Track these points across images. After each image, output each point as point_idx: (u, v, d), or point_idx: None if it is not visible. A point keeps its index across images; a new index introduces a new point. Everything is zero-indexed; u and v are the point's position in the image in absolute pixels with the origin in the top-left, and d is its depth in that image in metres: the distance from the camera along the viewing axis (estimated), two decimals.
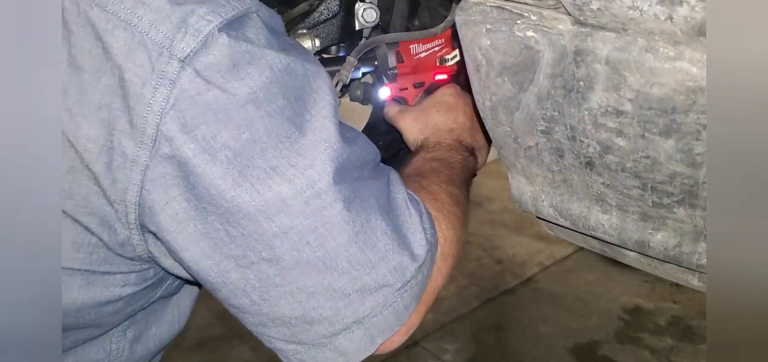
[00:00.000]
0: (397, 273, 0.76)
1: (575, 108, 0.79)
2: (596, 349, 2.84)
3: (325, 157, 0.71)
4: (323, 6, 1.25)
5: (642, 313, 3.05)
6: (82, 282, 0.73)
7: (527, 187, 0.97)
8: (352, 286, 0.74)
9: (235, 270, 0.72)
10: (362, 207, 0.74)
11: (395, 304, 0.77)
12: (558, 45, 0.77)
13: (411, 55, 1.15)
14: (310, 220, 0.71)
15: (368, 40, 1.23)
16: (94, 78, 0.67)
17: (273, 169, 0.69)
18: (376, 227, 0.75)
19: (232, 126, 0.68)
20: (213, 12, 0.68)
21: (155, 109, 0.66)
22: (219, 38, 0.68)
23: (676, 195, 0.79)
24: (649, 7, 0.68)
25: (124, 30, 0.67)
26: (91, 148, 0.67)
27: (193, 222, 0.69)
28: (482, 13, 0.85)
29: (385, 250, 0.75)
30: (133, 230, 0.71)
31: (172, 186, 0.68)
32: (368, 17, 1.19)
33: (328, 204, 0.71)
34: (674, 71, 0.69)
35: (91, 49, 0.67)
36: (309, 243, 0.71)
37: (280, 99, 0.70)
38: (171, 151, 0.67)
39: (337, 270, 0.73)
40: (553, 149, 0.87)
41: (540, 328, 2.97)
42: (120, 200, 0.69)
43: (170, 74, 0.66)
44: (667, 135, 0.74)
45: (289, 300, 0.74)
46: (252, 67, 0.69)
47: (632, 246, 0.89)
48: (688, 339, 2.88)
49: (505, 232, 3.73)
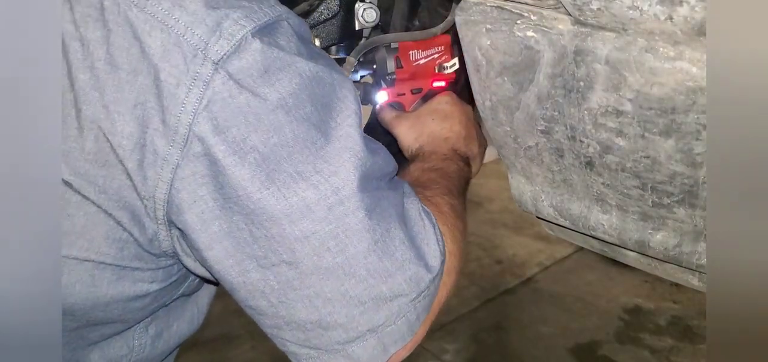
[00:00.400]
0: (413, 283, 0.78)
1: (575, 108, 0.79)
2: (596, 349, 2.84)
3: (349, 164, 0.73)
4: (323, 6, 1.25)
5: (642, 313, 3.05)
6: (113, 276, 0.75)
7: (527, 187, 0.97)
8: (368, 294, 0.76)
9: (256, 271, 0.73)
10: (382, 217, 0.76)
11: (408, 314, 0.78)
12: (558, 45, 0.77)
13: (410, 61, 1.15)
14: (331, 226, 0.72)
15: (368, 40, 1.23)
16: (131, 76, 0.69)
17: (299, 174, 0.71)
18: (394, 237, 0.77)
19: (262, 130, 0.70)
20: (246, 17, 0.70)
21: (188, 110, 0.68)
22: (252, 43, 0.70)
23: (676, 195, 0.79)
24: (649, 7, 0.68)
25: (161, 31, 0.68)
26: (125, 145, 0.69)
27: (218, 221, 0.71)
28: (482, 13, 0.85)
29: (403, 260, 0.77)
30: (161, 226, 0.73)
31: (200, 185, 0.70)
32: (368, 17, 1.19)
33: (350, 211, 0.73)
34: (674, 71, 0.70)
35: (129, 48, 0.69)
36: (329, 248, 0.73)
37: (308, 106, 0.72)
38: (202, 150, 0.69)
39: (355, 277, 0.75)
40: (553, 149, 0.87)
41: (540, 328, 2.97)
42: (149, 196, 0.71)
43: (204, 76, 0.68)
44: (667, 135, 0.74)
45: (306, 304, 0.75)
46: (282, 73, 0.71)
47: (632, 246, 0.89)
48: (688, 339, 2.88)
49: (505, 232, 3.73)
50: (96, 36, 0.69)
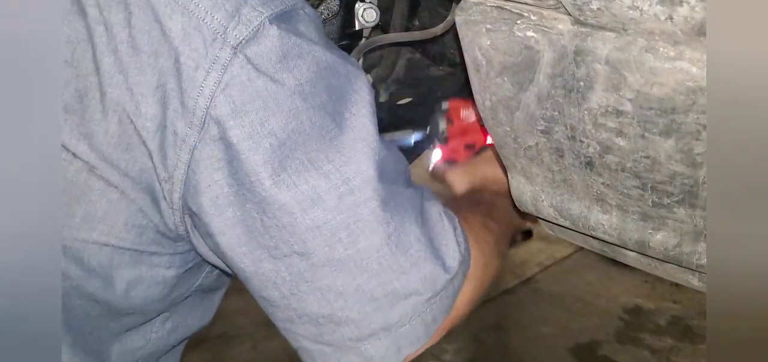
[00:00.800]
0: (428, 282, 0.76)
1: (575, 108, 0.79)
2: (596, 349, 2.84)
3: (362, 155, 0.73)
4: (323, 6, 1.25)
5: (642, 313, 3.05)
6: (131, 260, 0.76)
7: (527, 187, 0.97)
8: (381, 290, 0.75)
9: (268, 261, 0.73)
10: (397, 211, 0.75)
11: (424, 315, 0.77)
12: (558, 45, 0.77)
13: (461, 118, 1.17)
14: (343, 216, 0.72)
15: (368, 40, 1.23)
16: (152, 59, 0.70)
17: (311, 162, 0.71)
18: (409, 232, 0.76)
19: (281, 115, 0.70)
20: (264, 4, 0.71)
21: (206, 93, 0.69)
22: (270, 29, 0.71)
23: (676, 195, 0.79)
24: (649, 7, 0.68)
25: (182, 14, 0.69)
26: (148, 127, 0.70)
27: (232, 207, 0.72)
28: (482, 13, 0.85)
29: (417, 257, 0.76)
30: (176, 210, 0.74)
31: (216, 169, 0.71)
32: (368, 17, 1.19)
33: (361, 201, 0.73)
34: (674, 71, 0.70)
35: (150, 31, 0.70)
36: (341, 239, 0.73)
37: (324, 94, 0.73)
38: (219, 134, 0.70)
39: (368, 271, 0.74)
40: (553, 149, 0.87)
41: (540, 328, 2.97)
42: (168, 177, 0.72)
43: (223, 59, 0.69)
44: (667, 135, 0.74)
45: (317, 297, 0.75)
46: (300, 60, 0.72)
47: (632, 246, 0.89)
48: (688, 339, 2.88)
49: None
50: (118, 19, 0.70)
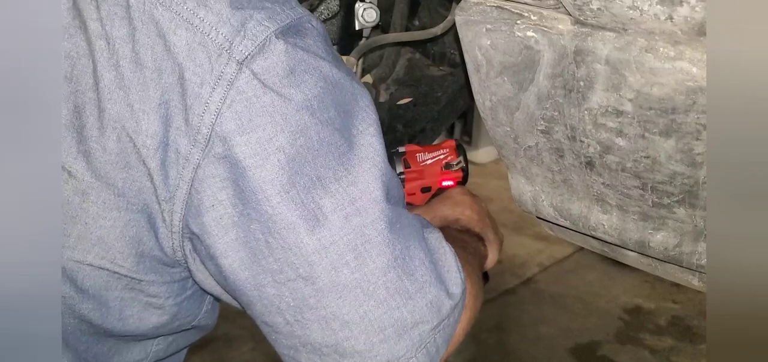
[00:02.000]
0: (434, 309, 0.74)
1: (575, 108, 0.79)
2: (596, 349, 2.84)
3: (370, 175, 0.72)
4: (323, 6, 1.25)
5: (642, 313, 3.05)
6: (126, 286, 0.74)
7: (527, 187, 0.97)
8: (388, 319, 0.72)
9: (272, 286, 0.71)
10: (402, 233, 0.74)
11: (429, 345, 0.75)
12: (558, 45, 0.77)
13: (417, 162, 1.18)
14: (350, 237, 0.70)
15: (368, 40, 1.23)
16: (156, 74, 0.68)
17: (319, 180, 0.70)
18: (414, 255, 0.74)
19: (289, 130, 0.69)
20: (270, 18, 0.70)
21: (212, 109, 0.68)
22: (276, 44, 0.69)
23: (676, 195, 0.79)
24: (649, 7, 0.68)
25: (187, 30, 0.69)
26: (149, 144, 0.69)
27: (236, 228, 0.70)
28: (482, 13, 0.85)
29: (423, 281, 0.74)
30: (176, 233, 0.72)
31: (220, 188, 0.69)
32: (368, 17, 1.19)
33: (369, 222, 0.71)
34: (674, 71, 0.70)
35: (154, 46, 0.69)
36: (347, 262, 0.71)
37: (332, 110, 0.72)
38: (224, 151, 0.68)
39: (374, 297, 0.72)
40: (553, 149, 0.87)
41: (540, 328, 2.97)
42: (169, 197, 0.70)
43: (228, 75, 0.68)
44: (667, 135, 0.74)
45: (322, 325, 0.72)
46: (308, 75, 0.70)
47: (632, 246, 0.89)
48: (688, 339, 2.88)
49: (505, 232, 3.71)
50: (121, 34, 0.69)
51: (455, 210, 1.10)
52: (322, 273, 0.71)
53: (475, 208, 1.11)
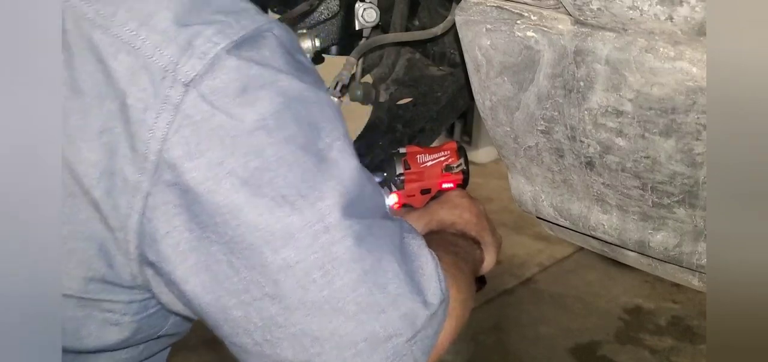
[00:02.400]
0: (408, 321, 0.72)
1: (575, 108, 0.79)
2: (596, 349, 2.83)
3: (335, 191, 0.69)
4: (323, 6, 1.25)
5: (642, 313, 3.05)
6: (77, 305, 0.71)
7: (527, 187, 0.97)
8: (360, 333, 0.70)
9: (237, 307, 0.69)
10: (374, 246, 0.71)
11: (405, 357, 0.73)
12: (558, 45, 0.77)
13: (418, 163, 1.18)
14: (317, 255, 0.68)
15: (368, 40, 1.23)
16: (96, 102, 0.65)
17: (283, 198, 0.67)
18: (387, 268, 0.71)
19: (240, 153, 0.65)
20: (220, 33, 0.66)
21: (158, 135, 0.65)
22: (227, 61, 0.66)
23: (676, 195, 0.79)
24: (649, 7, 0.68)
25: (128, 53, 0.65)
26: (91, 173, 0.66)
27: (195, 253, 0.67)
28: (482, 13, 0.85)
29: (396, 294, 0.71)
30: (133, 260, 0.69)
31: (174, 215, 0.66)
32: (368, 17, 1.19)
33: (337, 240, 0.68)
34: (674, 71, 0.69)
35: (93, 73, 0.66)
36: (315, 280, 0.68)
37: (292, 126, 0.68)
38: (173, 178, 0.65)
39: (344, 313, 0.69)
40: (553, 149, 0.87)
41: (540, 328, 2.96)
42: (121, 227, 0.67)
43: (174, 99, 0.65)
44: (667, 135, 0.74)
45: (292, 342, 0.70)
46: (263, 91, 0.67)
47: (632, 246, 0.89)
48: (688, 339, 2.88)
49: (505, 232, 3.72)
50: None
51: (452, 213, 1.08)
52: (289, 292, 0.68)
53: (473, 211, 1.09)
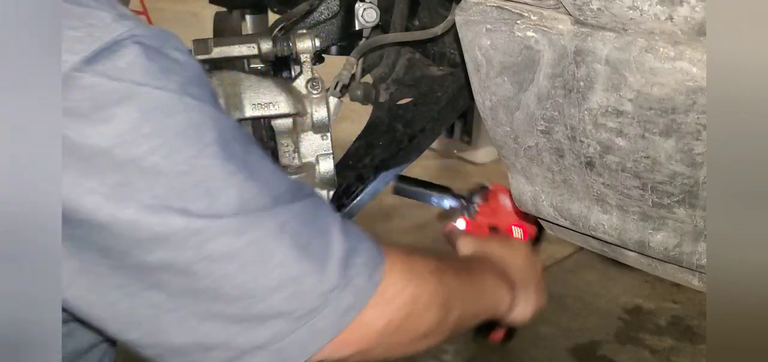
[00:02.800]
0: (296, 301, 0.72)
1: (575, 108, 0.79)
2: (596, 349, 2.83)
3: (202, 193, 0.67)
4: (323, 6, 1.25)
5: (642, 313, 3.05)
6: None
7: (527, 187, 0.97)
8: (243, 314, 0.71)
9: (123, 300, 0.69)
10: (256, 237, 0.70)
11: (298, 332, 0.73)
12: (558, 45, 0.77)
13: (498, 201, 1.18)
14: (191, 253, 0.67)
15: (368, 40, 1.23)
16: None
17: (149, 208, 0.65)
18: (272, 256, 0.71)
19: (96, 173, 0.63)
20: (70, 50, 0.63)
21: None
22: (77, 79, 0.62)
23: (676, 195, 0.79)
24: (649, 7, 0.68)
25: None
26: None
27: (71, 260, 0.66)
28: (482, 13, 0.85)
29: (282, 279, 0.71)
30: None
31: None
32: (368, 17, 1.19)
33: (210, 238, 0.67)
34: (674, 71, 0.70)
35: None
36: (195, 272, 0.68)
37: (156, 138, 0.65)
38: None
39: (226, 298, 0.70)
40: (553, 149, 0.87)
41: (540, 328, 2.96)
42: None
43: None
44: (667, 135, 0.74)
45: (182, 327, 0.70)
46: (119, 107, 0.64)
47: (632, 246, 0.89)
48: (688, 339, 2.88)
49: None
50: None
51: (503, 251, 1.05)
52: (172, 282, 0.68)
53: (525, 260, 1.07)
